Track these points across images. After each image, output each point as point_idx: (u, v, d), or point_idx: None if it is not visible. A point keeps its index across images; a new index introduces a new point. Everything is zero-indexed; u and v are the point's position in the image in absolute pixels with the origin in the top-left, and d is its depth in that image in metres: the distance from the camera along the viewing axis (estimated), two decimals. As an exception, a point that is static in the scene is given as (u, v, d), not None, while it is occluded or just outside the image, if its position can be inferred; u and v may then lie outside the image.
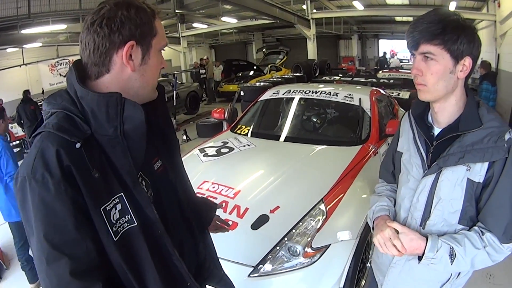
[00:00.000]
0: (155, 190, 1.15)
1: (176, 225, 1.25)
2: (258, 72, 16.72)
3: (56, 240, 0.88)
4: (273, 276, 2.18)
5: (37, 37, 11.32)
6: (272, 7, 11.71)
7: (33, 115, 8.32)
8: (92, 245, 0.92)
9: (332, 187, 2.66)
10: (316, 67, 14.35)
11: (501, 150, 1.15)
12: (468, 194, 1.22)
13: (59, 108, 0.97)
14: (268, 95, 4.55)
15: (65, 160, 0.88)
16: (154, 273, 1.02)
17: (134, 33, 0.97)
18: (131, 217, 0.99)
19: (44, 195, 0.87)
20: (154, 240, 1.04)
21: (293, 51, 19.37)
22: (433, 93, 1.22)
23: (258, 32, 23.66)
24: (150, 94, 1.10)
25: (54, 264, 0.89)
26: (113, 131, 0.97)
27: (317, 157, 3.30)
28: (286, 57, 18.84)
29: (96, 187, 0.92)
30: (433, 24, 1.14)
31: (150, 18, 1.01)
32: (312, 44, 14.85)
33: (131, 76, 1.01)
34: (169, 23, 17.29)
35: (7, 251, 4.13)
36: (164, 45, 1.08)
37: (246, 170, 3.15)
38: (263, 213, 2.48)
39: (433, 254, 1.20)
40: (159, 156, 1.22)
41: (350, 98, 3.88)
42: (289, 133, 3.81)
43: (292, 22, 13.50)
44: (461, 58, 1.16)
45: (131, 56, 0.99)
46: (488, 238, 1.19)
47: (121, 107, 0.96)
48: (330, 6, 15.56)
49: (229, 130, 4.28)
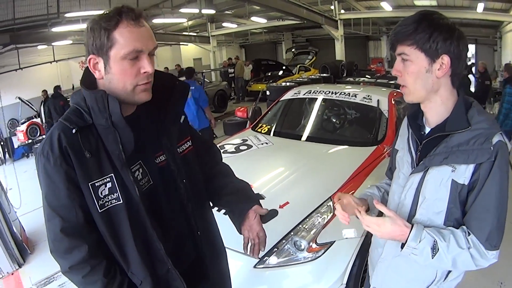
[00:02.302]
0: (154, 181, 1.31)
1: (173, 217, 1.37)
2: (287, 72, 16.72)
3: (53, 203, 1.14)
4: (277, 268, 2.25)
5: (68, 35, 11.75)
6: (299, 7, 11.73)
7: (62, 110, 8.74)
8: (81, 213, 1.15)
9: (343, 185, 2.70)
10: (344, 68, 14.23)
11: (486, 153, 1.13)
12: (453, 195, 1.21)
13: (74, 103, 1.21)
14: (289, 95, 4.62)
15: (63, 141, 1.11)
16: (133, 247, 1.21)
17: (92, 47, 1.13)
18: (118, 195, 1.18)
19: (47, 167, 1.12)
20: (137, 219, 1.21)
21: (322, 51, 19.24)
22: (414, 94, 1.24)
23: (288, 32, 23.63)
24: (129, 98, 1.20)
25: (51, 221, 1.16)
26: (105, 121, 1.15)
27: (331, 156, 3.35)
28: (315, 58, 18.73)
29: (87, 166, 1.14)
30: (406, 26, 1.18)
31: (104, 31, 1.10)
32: (340, 45, 14.72)
33: (103, 83, 1.18)
34: (199, 22, 17.57)
35: (32, 237, 4.39)
36: (130, 52, 1.12)
37: (261, 167, 3.24)
38: (273, 208, 2.55)
39: (416, 243, 1.19)
40: (163, 151, 1.35)
41: (368, 99, 3.89)
42: (310, 132, 3.86)
43: (320, 22, 13.45)
44: (437, 57, 1.17)
45: (97, 66, 1.16)
46: (474, 240, 1.17)
47: (106, 102, 1.13)
48: (358, 7, 15.36)
49: (250, 129, 4.39)
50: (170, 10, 13.49)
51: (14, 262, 3.70)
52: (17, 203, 4.60)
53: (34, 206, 4.93)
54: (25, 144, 10.39)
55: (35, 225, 4.57)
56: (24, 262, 3.83)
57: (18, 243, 3.81)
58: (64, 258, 1.17)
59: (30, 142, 10.44)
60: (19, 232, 3.93)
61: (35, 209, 4.91)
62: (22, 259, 3.80)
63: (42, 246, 4.13)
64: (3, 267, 3.63)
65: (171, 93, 1.34)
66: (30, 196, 5.07)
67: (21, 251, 3.81)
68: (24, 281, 3.55)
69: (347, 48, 15.23)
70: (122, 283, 1.22)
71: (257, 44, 23.97)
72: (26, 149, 10.22)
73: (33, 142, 10.32)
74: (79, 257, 1.15)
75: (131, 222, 1.19)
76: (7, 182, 6.51)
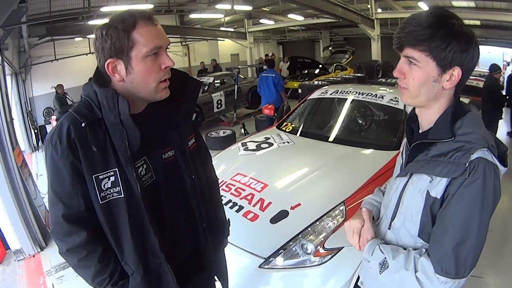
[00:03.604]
0: (157, 176, 1.34)
1: (173, 212, 1.42)
2: (323, 70, 16.53)
3: (57, 189, 1.20)
4: (282, 270, 2.23)
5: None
6: (334, 5, 11.49)
7: None
8: (83, 202, 1.20)
9: (358, 190, 2.63)
10: (379, 68, 13.89)
11: (458, 169, 1.02)
12: (426, 207, 1.12)
13: (85, 95, 1.25)
14: (316, 94, 4.56)
15: (72, 134, 1.16)
16: (129, 239, 1.25)
17: (110, 51, 1.16)
18: (120, 190, 1.22)
19: (54, 155, 1.17)
20: (135, 213, 1.25)
21: (359, 51, 18.82)
22: (414, 99, 1.14)
23: (326, 31, 23.27)
24: (151, 96, 1.25)
25: (54, 207, 1.22)
26: (113, 118, 1.19)
27: (351, 159, 3.27)
28: (352, 57, 18.45)
29: (92, 159, 1.18)
30: (421, 28, 1.05)
31: (123, 33, 1.14)
32: (376, 44, 14.32)
33: (123, 85, 1.21)
34: (236, 18, 17.62)
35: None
36: (151, 49, 1.17)
37: (278, 166, 3.22)
38: (284, 209, 2.53)
39: (368, 256, 1.19)
40: (172, 147, 1.39)
41: (395, 101, 3.75)
42: (334, 133, 3.78)
43: (355, 21, 13.10)
44: (449, 68, 1.06)
45: (117, 70, 1.19)
46: (423, 263, 1.08)
47: (116, 101, 1.17)
48: (395, 6, 14.85)
49: (274, 127, 4.37)
50: (207, 5, 13.60)
51: (36, 245, 3.88)
52: (45, 189, 4.78)
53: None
54: (58, 132, 10.77)
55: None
56: (46, 245, 3.99)
57: (41, 227, 3.98)
58: (63, 241, 1.24)
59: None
60: (44, 217, 4.09)
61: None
62: (44, 242, 3.97)
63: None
64: (25, 249, 3.81)
65: (184, 89, 1.37)
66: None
67: (44, 235, 3.98)
68: (44, 263, 3.71)
69: (383, 48, 14.77)
70: (114, 271, 1.28)
71: (295, 42, 23.77)
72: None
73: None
74: (77, 242, 1.22)
75: (130, 216, 1.24)
76: (38, 168, 6.81)
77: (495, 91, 6.16)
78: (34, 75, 12.51)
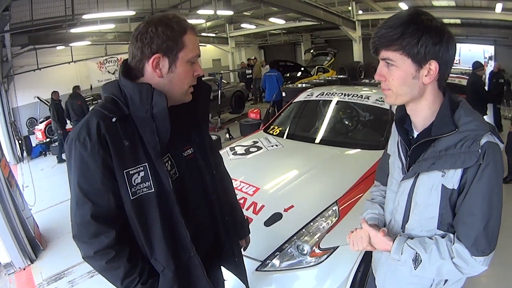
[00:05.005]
0: (180, 172, 1.38)
1: (196, 206, 1.46)
2: (305, 73, 16.62)
3: (85, 188, 1.18)
4: (279, 272, 2.23)
5: (86, 36, 12.05)
6: (315, 8, 11.65)
7: (80, 109, 8.98)
8: (113, 199, 1.20)
9: (349, 189, 2.66)
10: (361, 70, 14.09)
11: (473, 156, 1.08)
12: (444, 200, 1.16)
13: (108, 93, 1.27)
14: (302, 97, 4.58)
15: (102, 129, 1.16)
16: (160, 233, 1.26)
17: (160, 47, 1.20)
18: (150, 184, 1.24)
19: (82, 152, 1.15)
20: (166, 207, 1.27)
21: (341, 52, 19.02)
22: (398, 98, 1.19)
23: (307, 33, 23.51)
24: (180, 97, 1.32)
25: (80, 207, 1.19)
26: (144, 112, 1.22)
27: (340, 160, 3.30)
28: (333, 59, 18.56)
29: (123, 154, 1.19)
30: (391, 29, 1.10)
31: (177, 34, 1.22)
32: (358, 46, 14.56)
33: (160, 81, 1.24)
34: (217, 23, 17.63)
35: (46, 234, 4.50)
36: (194, 56, 1.27)
37: (269, 170, 3.23)
38: (277, 211, 2.55)
39: (398, 256, 1.20)
40: (191, 145, 1.45)
41: (381, 101, 3.81)
42: (321, 135, 3.82)
43: (337, 23, 13.32)
44: (425, 63, 1.10)
45: (159, 65, 1.22)
46: (458, 249, 1.14)
47: (151, 95, 1.20)
48: (376, 7, 15.12)
49: (261, 130, 4.38)
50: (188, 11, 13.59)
51: (26, 258, 3.80)
52: (32, 200, 4.71)
53: (49, 204, 5.08)
54: (43, 142, 10.61)
55: (50, 222, 4.70)
56: (36, 258, 3.92)
57: (31, 240, 3.91)
58: (90, 243, 1.21)
59: (48, 141, 10.64)
60: (32, 229, 4.03)
61: (50, 207, 5.06)
62: (34, 255, 3.90)
63: (55, 243, 4.24)
64: (15, 262, 3.73)
65: (199, 91, 1.41)
66: (45, 194, 5.21)
67: (33, 247, 3.91)
68: (36, 276, 3.63)
69: (365, 50, 15.00)
70: (143, 270, 1.27)
71: (276, 45, 23.95)
72: (44, 147, 10.45)
73: (51, 141, 10.52)
74: (106, 243, 1.20)
75: (161, 210, 1.26)
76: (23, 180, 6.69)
77: (479, 88, 6.29)
78: (17, 85, 12.28)
